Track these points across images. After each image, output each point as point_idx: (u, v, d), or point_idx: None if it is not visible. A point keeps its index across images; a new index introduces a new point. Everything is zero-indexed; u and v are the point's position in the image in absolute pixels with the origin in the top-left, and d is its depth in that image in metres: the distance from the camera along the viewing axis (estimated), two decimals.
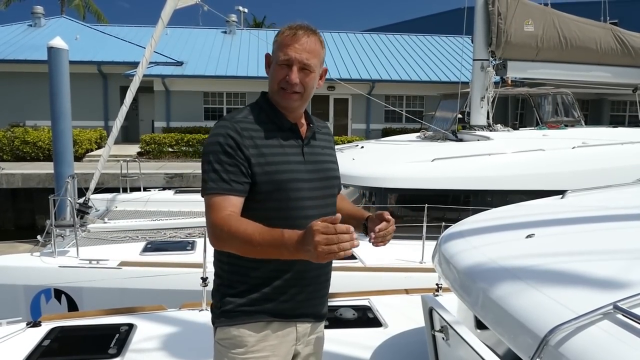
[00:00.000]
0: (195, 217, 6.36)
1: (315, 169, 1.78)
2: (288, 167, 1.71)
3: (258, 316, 1.73)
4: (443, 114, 8.67)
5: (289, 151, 1.74)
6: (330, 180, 1.84)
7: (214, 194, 1.64)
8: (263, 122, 1.75)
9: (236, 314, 1.73)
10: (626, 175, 5.30)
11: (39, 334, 3.06)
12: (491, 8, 6.90)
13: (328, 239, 1.36)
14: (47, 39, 7.66)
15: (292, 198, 1.70)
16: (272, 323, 1.75)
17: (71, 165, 6.84)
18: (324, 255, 1.37)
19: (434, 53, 24.70)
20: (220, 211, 1.61)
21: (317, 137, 1.87)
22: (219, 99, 20.99)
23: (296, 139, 1.78)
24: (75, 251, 4.83)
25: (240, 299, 1.73)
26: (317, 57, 1.74)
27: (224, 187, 1.64)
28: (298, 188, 1.72)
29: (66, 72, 6.71)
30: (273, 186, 1.69)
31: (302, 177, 1.73)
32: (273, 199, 1.69)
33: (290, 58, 1.69)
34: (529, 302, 1.40)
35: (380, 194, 5.61)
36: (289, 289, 1.74)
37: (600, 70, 7.56)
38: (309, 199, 1.74)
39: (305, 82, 1.72)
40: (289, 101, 1.74)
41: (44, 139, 15.56)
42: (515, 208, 2.61)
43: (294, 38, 1.70)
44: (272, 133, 1.74)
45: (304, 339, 1.84)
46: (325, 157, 1.86)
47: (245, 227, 1.54)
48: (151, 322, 3.28)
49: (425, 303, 2.17)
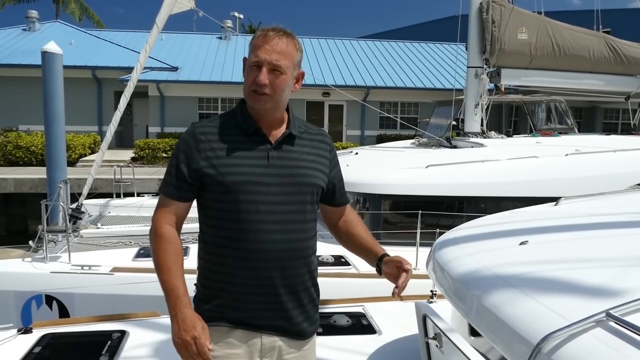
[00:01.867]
0: (189, 223, 6.32)
1: (282, 173, 1.75)
2: (243, 170, 1.71)
3: (220, 321, 1.75)
4: (437, 120, 8.69)
5: (249, 154, 1.73)
6: (300, 186, 1.77)
7: (163, 194, 1.79)
8: (228, 127, 1.77)
9: (201, 317, 1.72)
10: (619, 183, 5.34)
11: (30, 340, 3.02)
12: (485, 16, 6.95)
13: (190, 351, 1.60)
14: (41, 43, 7.64)
15: (242, 200, 1.69)
16: (235, 330, 1.75)
17: (64, 170, 6.81)
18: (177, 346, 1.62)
19: (428, 60, 24.81)
20: (162, 214, 1.77)
21: (299, 142, 1.82)
22: (213, 105, 20.98)
23: (263, 143, 1.76)
24: (67, 257, 4.80)
25: (205, 304, 1.78)
26: (288, 58, 1.72)
27: (168, 192, 1.77)
28: (252, 191, 1.70)
29: (60, 76, 6.69)
30: (224, 187, 1.70)
31: (259, 181, 1.71)
32: (224, 200, 1.71)
33: (259, 59, 1.69)
34: (522, 309, 1.40)
35: (375, 200, 5.61)
36: (244, 297, 1.74)
37: (593, 78, 7.62)
38: (265, 203, 1.71)
39: (275, 84, 1.71)
40: (259, 103, 1.73)
41: (37, 144, 15.47)
42: (508, 215, 2.62)
43: (265, 39, 1.70)
44: (234, 137, 1.75)
45: (272, 353, 1.78)
46: (302, 163, 1.79)
47: (165, 256, 1.71)
48: (143, 328, 3.26)
49: (419, 310, 2.17)
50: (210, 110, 20.90)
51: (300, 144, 1.82)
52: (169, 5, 6.44)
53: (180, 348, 1.61)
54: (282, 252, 1.73)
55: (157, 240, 1.73)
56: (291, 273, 1.76)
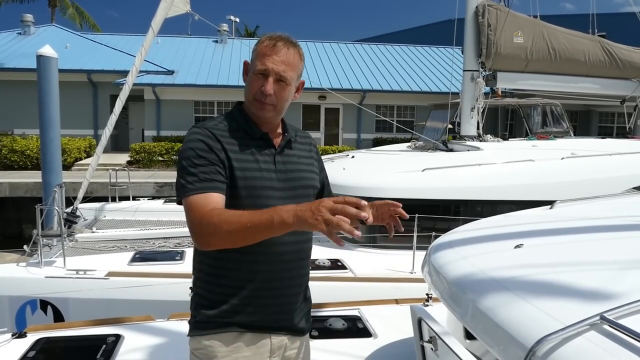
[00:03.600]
0: (185, 227, 6.30)
1: (287, 177, 1.77)
2: (259, 175, 1.71)
3: (229, 327, 1.72)
4: (433, 124, 8.70)
5: (260, 159, 1.73)
6: (304, 189, 1.81)
7: (193, 194, 1.58)
8: (234, 131, 1.74)
9: (207, 325, 1.73)
10: (614, 186, 5.35)
11: (24, 345, 3.00)
12: (481, 20, 6.97)
13: (333, 208, 1.33)
14: (36, 47, 7.63)
15: (259, 205, 1.65)
16: (244, 334, 1.73)
17: (59, 174, 6.79)
18: (321, 220, 1.32)
19: (424, 64, 24.88)
20: (203, 208, 1.54)
21: (295, 146, 1.86)
22: (209, 108, 20.98)
23: (268, 148, 1.77)
24: (62, 261, 4.77)
25: (211, 310, 1.73)
26: (294, 70, 1.73)
27: (203, 186, 1.59)
28: (268, 196, 1.70)
29: (55, 80, 6.67)
30: (247, 192, 1.68)
31: (273, 185, 1.72)
32: (243, 205, 1.65)
33: (267, 69, 1.69)
34: (516, 312, 1.40)
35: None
36: (256, 300, 1.72)
37: (589, 82, 7.64)
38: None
39: (280, 95, 1.72)
40: (263, 112, 1.74)
41: (32, 148, 15.44)
42: (504, 218, 2.62)
43: (273, 49, 1.70)
44: (243, 141, 1.73)
45: (280, 352, 1.80)
46: (301, 167, 1.83)
47: (234, 211, 1.50)
48: (139, 332, 3.24)
49: (414, 313, 2.16)
50: (206, 113, 20.91)
51: (296, 148, 1.86)
52: (165, 9, 6.44)
53: (322, 215, 1.34)
54: (292, 254, 1.76)
55: (217, 220, 1.49)
56: (299, 273, 1.80)
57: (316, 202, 1.38)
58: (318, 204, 1.36)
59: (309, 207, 1.37)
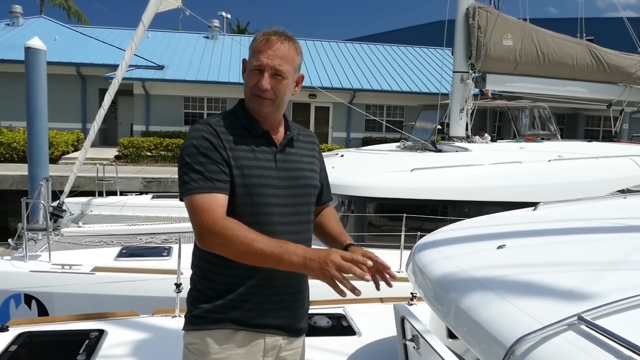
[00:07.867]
0: (173, 223, 6.29)
1: (288, 176, 1.77)
2: (258, 172, 1.71)
3: (223, 324, 1.72)
4: (423, 124, 8.75)
5: (260, 157, 1.74)
6: (305, 188, 1.82)
7: (198, 193, 1.61)
8: (235, 128, 1.75)
9: (202, 320, 1.73)
10: (600, 189, 5.42)
11: (5, 339, 2.98)
12: (471, 21, 7.00)
13: (340, 265, 1.43)
14: (25, 38, 7.54)
15: (257, 203, 1.70)
16: (238, 332, 1.73)
17: (46, 168, 6.73)
18: (328, 275, 1.44)
19: (414, 64, 24.95)
20: (212, 212, 1.58)
21: (297, 144, 1.86)
22: (199, 104, 20.89)
23: (269, 146, 1.77)
24: (47, 256, 4.74)
25: (207, 305, 1.73)
26: (290, 63, 1.73)
27: (208, 186, 1.62)
28: (266, 194, 1.71)
29: (43, 72, 6.61)
30: (244, 190, 1.69)
31: (272, 184, 1.73)
32: (241, 203, 1.68)
33: (262, 64, 1.70)
34: (497, 312, 1.41)
35: (359, 202, 5.63)
36: (252, 297, 1.72)
37: (576, 85, 7.71)
38: (277, 206, 1.73)
39: (277, 89, 1.72)
40: (261, 107, 1.74)
41: (19, 140, 15.28)
42: (487, 219, 2.64)
43: (267, 44, 1.70)
44: (244, 139, 1.74)
45: (274, 352, 1.80)
46: (302, 165, 1.84)
47: (247, 231, 1.55)
48: (122, 328, 3.23)
49: (398, 312, 2.18)
50: (196, 109, 20.81)
51: (298, 147, 1.86)
52: (156, 3, 6.40)
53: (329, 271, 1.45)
54: None
55: (231, 234, 1.54)
56: (299, 273, 1.76)
57: (324, 255, 1.45)
58: (326, 257, 1.44)
59: (317, 258, 1.46)
